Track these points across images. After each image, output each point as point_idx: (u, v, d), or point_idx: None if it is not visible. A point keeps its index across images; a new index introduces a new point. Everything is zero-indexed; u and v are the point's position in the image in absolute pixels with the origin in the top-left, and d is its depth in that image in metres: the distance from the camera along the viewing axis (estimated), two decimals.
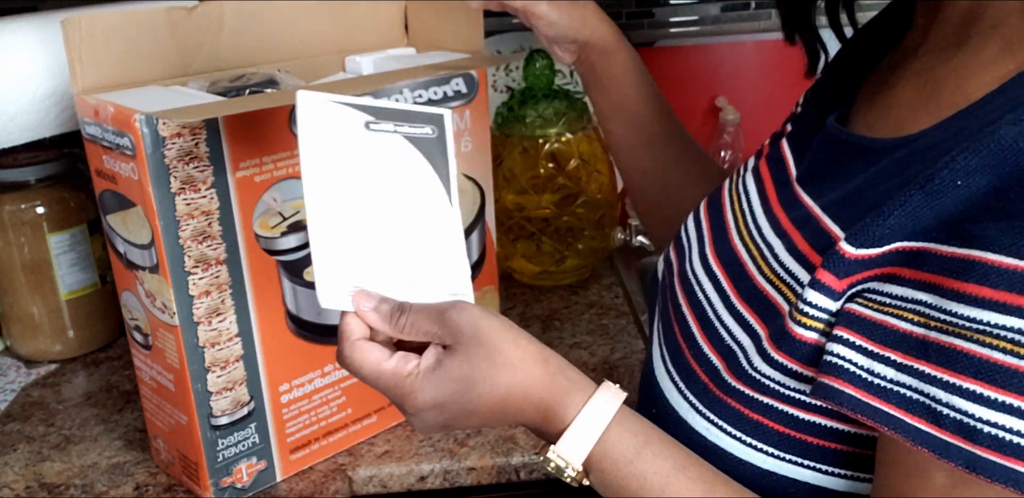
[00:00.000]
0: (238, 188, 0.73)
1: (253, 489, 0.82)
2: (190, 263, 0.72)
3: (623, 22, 1.31)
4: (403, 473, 0.85)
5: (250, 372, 0.78)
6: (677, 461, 0.52)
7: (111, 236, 0.76)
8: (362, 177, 0.54)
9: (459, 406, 0.53)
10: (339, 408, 0.86)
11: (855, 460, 0.51)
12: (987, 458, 0.40)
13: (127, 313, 0.80)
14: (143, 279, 0.74)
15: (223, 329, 0.75)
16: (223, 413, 0.77)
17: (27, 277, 1.00)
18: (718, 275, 0.59)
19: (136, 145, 0.67)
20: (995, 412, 0.39)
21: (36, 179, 0.98)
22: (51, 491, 0.82)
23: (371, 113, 0.54)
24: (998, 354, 0.39)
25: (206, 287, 0.73)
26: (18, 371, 1.03)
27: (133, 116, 0.66)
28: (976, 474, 0.40)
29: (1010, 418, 0.39)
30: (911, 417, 0.42)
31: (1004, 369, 0.39)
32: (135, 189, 0.70)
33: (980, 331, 0.40)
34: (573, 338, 1.05)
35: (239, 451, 0.79)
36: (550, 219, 1.14)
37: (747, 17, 1.33)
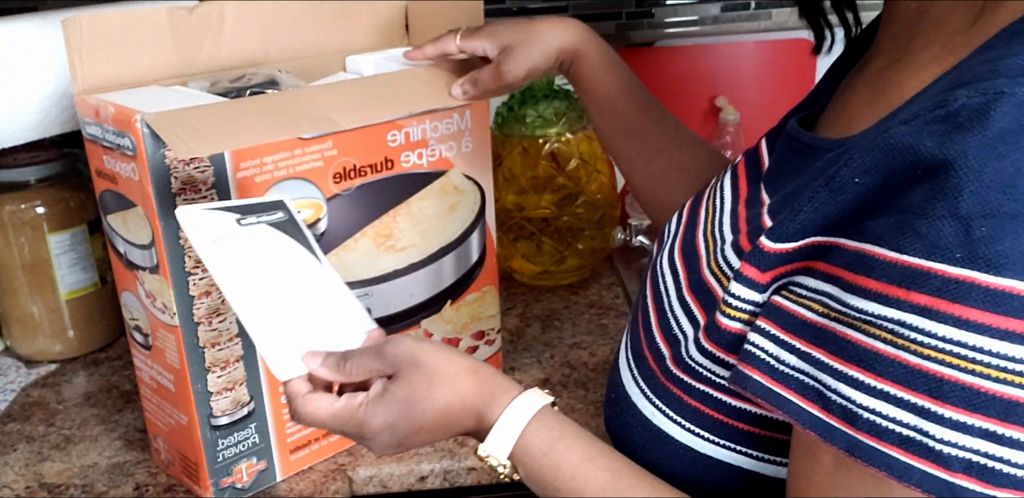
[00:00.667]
0: (239, 188, 0.73)
1: (253, 489, 0.82)
2: (190, 263, 0.72)
3: (623, 22, 1.31)
4: (403, 473, 0.85)
5: (250, 372, 0.78)
6: (588, 453, 0.56)
7: (111, 236, 0.76)
8: (255, 263, 0.63)
9: (407, 424, 0.57)
10: None
11: (783, 446, 0.52)
12: (866, 443, 0.41)
13: (127, 313, 0.80)
14: (143, 279, 0.74)
15: (223, 329, 0.75)
16: (223, 413, 0.77)
17: (27, 277, 1.00)
18: (678, 267, 0.61)
19: (137, 145, 0.67)
20: (874, 399, 0.41)
21: (36, 179, 0.99)
22: (51, 491, 0.82)
23: (236, 211, 0.64)
24: (879, 343, 0.41)
25: (206, 287, 0.73)
26: (18, 371, 1.03)
27: (134, 116, 0.66)
28: (855, 458, 0.41)
29: (887, 405, 0.40)
30: (805, 401, 0.44)
31: (884, 358, 0.40)
32: (136, 189, 0.70)
33: (866, 321, 0.41)
34: (573, 338, 1.05)
35: (239, 451, 0.80)
36: (550, 219, 1.14)
37: (747, 17, 1.33)
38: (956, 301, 0.38)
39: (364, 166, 0.80)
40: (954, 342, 0.38)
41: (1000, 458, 0.38)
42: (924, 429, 0.39)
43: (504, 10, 1.28)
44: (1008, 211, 0.37)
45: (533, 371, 0.99)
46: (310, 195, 0.77)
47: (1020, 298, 0.37)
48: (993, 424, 0.38)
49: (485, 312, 0.95)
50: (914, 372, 0.39)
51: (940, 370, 0.39)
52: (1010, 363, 0.38)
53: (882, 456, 0.40)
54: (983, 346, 0.38)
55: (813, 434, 0.43)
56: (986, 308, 0.38)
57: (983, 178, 0.37)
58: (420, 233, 0.86)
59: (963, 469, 0.39)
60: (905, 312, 0.40)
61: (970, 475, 0.39)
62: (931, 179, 0.39)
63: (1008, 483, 0.38)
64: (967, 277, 0.38)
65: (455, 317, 0.92)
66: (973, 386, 0.38)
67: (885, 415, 0.40)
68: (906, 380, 0.40)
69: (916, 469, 0.40)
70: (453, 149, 0.86)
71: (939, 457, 0.39)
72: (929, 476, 0.39)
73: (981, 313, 0.38)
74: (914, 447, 0.40)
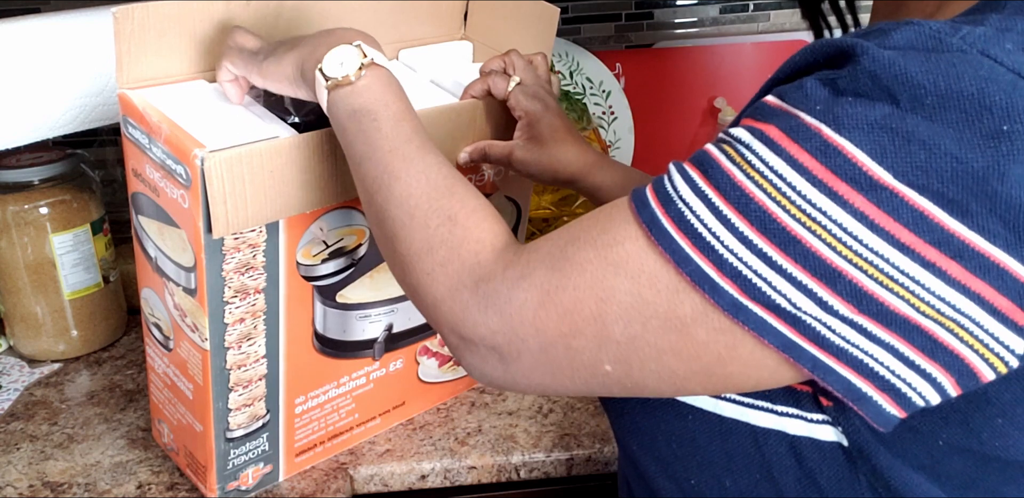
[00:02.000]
0: (287, 221, 0.71)
1: (256, 489, 0.82)
2: (229, 294, 0.70)
3: (622, 23, 1.32)
4: (404, 472, 0.86)
5: (270, 389, 0.78)
6: None
7: (141, 236, 0.75)
8: None
9: None
10: (347, 414, 0.86)
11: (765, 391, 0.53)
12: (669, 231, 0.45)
13: (147, 308, 0.79)
14: (174, 292, 0.73)
15: (251, 352, 0.75)
16: (239, 427, 0.77)
17: (30, 277, 1.00)
18: None
19: (192, 179, 0.65)
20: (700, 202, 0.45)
21: (40, 180, 0.99)
22: (54, 490, 0.83)
23: None
24: (729, 163, 0.45)
25: (241, 315, 0.72)
26: (21, 370, 1.04)
27: (193, 151, 0.64)
28: (652, 236, 0.46)
29: (707, 212, 0.44)
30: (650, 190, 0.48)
31: (727, 177, 0.44)
32: (184, 216, 0.68)
33: (728, 143, 0.46)
34: None
35: (249, 459, 0.80)
36: (550, 219, 1.14)
37: (745, 19, 1.34)
38: (797, 141, 0.43)
39: None
40: (777, 174, 0.43)
41: (764, 277, 0.43)
42: (716, 233, 0.44)
43: None
44: (872, 95, 0.42)
45: None
46: (355, 223, 0.76)
47: (844, 156, 0.42)
48: (772, 249, 0.43)
49: None
50: (734, 185, 0.44)
51: (754, 192, 0.44)
52: (808, 206, 0.42)
53: (671, 240, 0.45)
54: (796, 185, 0.43)
55: (629, 199, 0.48)
56: (815, 155, 0.43)
57: (862, 66, 0.43)
58: None
59: (731, 275, 0.44)
60: (756, 138, 0.45)
61: (735, 282, 0.44)
62: (831, 61, 0.46)
63: (760, 299, 0.43)
64: (814, 125, 0.43)
65: None
66: (772, 213, 0.43)
67: (694, 211, 0.45)
68: (725, 190, 0.44)
69: (693, 260, 0.44)
70: (501, 173, 0.85)
71: (718, 258, 0.44)
72: (701, 269, 0.44)
73: (810, 158, 0.43)
74: (701, 243, 0.44)
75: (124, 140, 0.72)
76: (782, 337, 0.44)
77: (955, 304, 0.41)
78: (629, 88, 1.31)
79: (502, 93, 0.78)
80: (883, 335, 0.42)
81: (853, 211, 0.42)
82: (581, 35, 1.31)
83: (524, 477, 0.87)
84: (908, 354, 0.43)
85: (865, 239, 0.42)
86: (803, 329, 0.43)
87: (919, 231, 0.41)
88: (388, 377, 0.87)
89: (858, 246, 0.42)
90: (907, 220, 0.41)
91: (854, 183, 0.42)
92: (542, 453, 0.86)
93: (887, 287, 0.42)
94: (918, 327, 0.42)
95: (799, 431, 0.52)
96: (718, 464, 0.55)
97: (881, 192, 0.41)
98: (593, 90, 1.30)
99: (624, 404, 0.60)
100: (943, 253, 0.41)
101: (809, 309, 0.43)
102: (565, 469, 0.87)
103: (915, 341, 0.42)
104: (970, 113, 0.41)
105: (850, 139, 0.42)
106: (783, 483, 0.53)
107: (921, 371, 0.43)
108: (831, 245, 0.42)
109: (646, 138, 1.34)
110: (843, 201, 0.42)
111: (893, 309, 0.42)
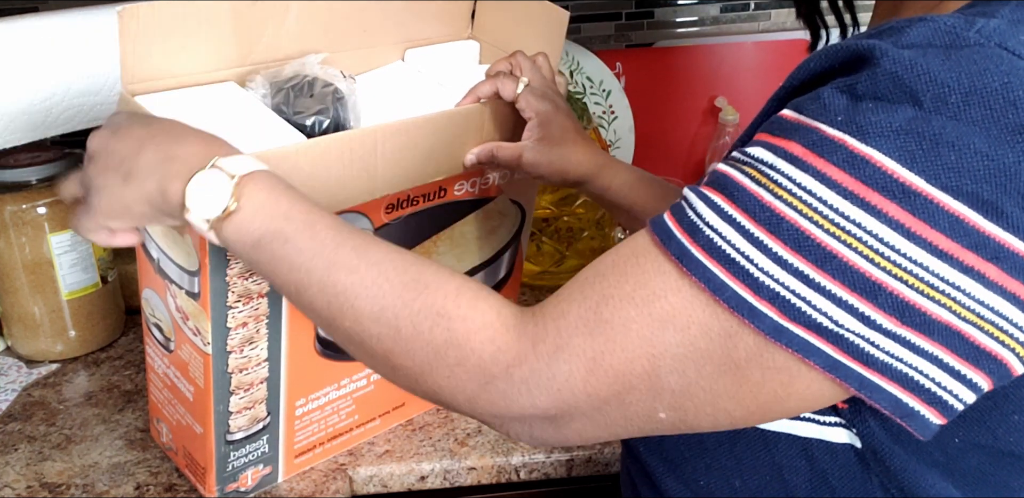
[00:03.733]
0: None
1: (256, 490, 0.82)
2: (233, 298, 0.70)
3: (623, 22, 1.31)
4: (403, 472, 0.85)
5: (271, 391, 0.78)
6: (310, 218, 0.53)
7: (144, 237, 0.74)
8: None
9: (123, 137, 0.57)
10: (347, 415, 0.86)
11: None
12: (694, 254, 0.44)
13: (147, 308, 0.79)
14: (176, 294, 0.73)
15: (253, 356, 0.74)
16: (240, 429, 0.77)
17: (28, 277, 1.00)
18: None
19: None
20: (721, 221, 0.44)
21: (37, 179, 0.99)
22: (52, 490, 0.82)
23: None
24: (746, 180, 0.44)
25: (244, 319, 0.72)
26: (19, 371, 1.03)
27: None
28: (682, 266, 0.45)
29: (730, 229, 0.44)
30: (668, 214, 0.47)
31: (745, 191, 0.44)
32: None
33: (747, 163, 0.45)
34: None
35: (248, 460, 0.80)
36: (550, 219, 1.14)
37: (746, 18, 1.34)
38: (822, 156, 0.42)
39: (417, 196, 0.78)
40: (806, 190, 0.42)
41: (802, 297, 0.42)
42: (750, 256, 0.43)
43: None
44: (894, 97, 0.42)
45: None
46: (361, 226, 0.76)
47: (873, 166, 0.41)
48: (808, 267, 0.42)
49: None
50: (762, 206, 0.43)
51: (784, 210, 0.43)
52: (842, 220, 0.41)
53: (704, 269, 0.44)
54: (827, 199, 0.42)
55: (652, 232, 0.47)
56: (843, 168, 0.42)
57: (882, 68, 0.42)
58: (456, 256, 0.86)
59: (769, 297, 0.43)
60: (779, 157, 0.44)
61: (773, 304, 0.43)
62: (848, 66, 0.45)
63: (801, 320, 0.42)
64: (838, 137, 0.42)
65: None
66: (805, 231, 0.42)
67: (724, 236, 0.44)
68: (753, 212, 0.43)
69: (729, 287, 0.43)
70: (506, 176, 0.85)
71: (754, 282, 0.43)
72: (738, 296, 0.43)
73: (837, 171, 0.42)
74: (735, 268, 0.43)
75: None
76: (826, 357, 0.43)
77: (994, 307, 0.41)
78: (629, 87, 1.31)
79: (511, 95, 0.77)
80: (927, 346, 0.42)
81: (888, 221, 0.41)
82: (581, 34, 1.30)
83: (524, 478, 0.87)
84: (952, 363, 0.42)
85: (903, 249, 0.41)
86: (847, 347, 0.42)
87: (956, 236, 0.40)
88: None
89: (897, 257, 0.41)
90: (944, 226, 0.40)
91: (886, 192, 0.41)
92: (542, 454, 0.86)
93: (928, 296, 0.41)
94: (959, 334, 0.41)
95: (811, 433, 0.51)
96: (728, 466, 0.55)
97: (915, 199, 0.41)
98: (593, 89, 1.30)
99: None
100: (980, 257, 0.40)
101: (852, 326, 0.42)
102: (565, 470, 0.87)
103: (958, 349, 0.42)
104: (995, 109, 0.40)
105: (877, 148, 0.41)
106: (794, 484, 0.53)
107: (964, 379, 0.42)
108: (869, 258, 0.41)
109: (646, 137, 1.34)
110: (877, 211, 0.41)
111: (936, 318, 0.41)
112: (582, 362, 0.46)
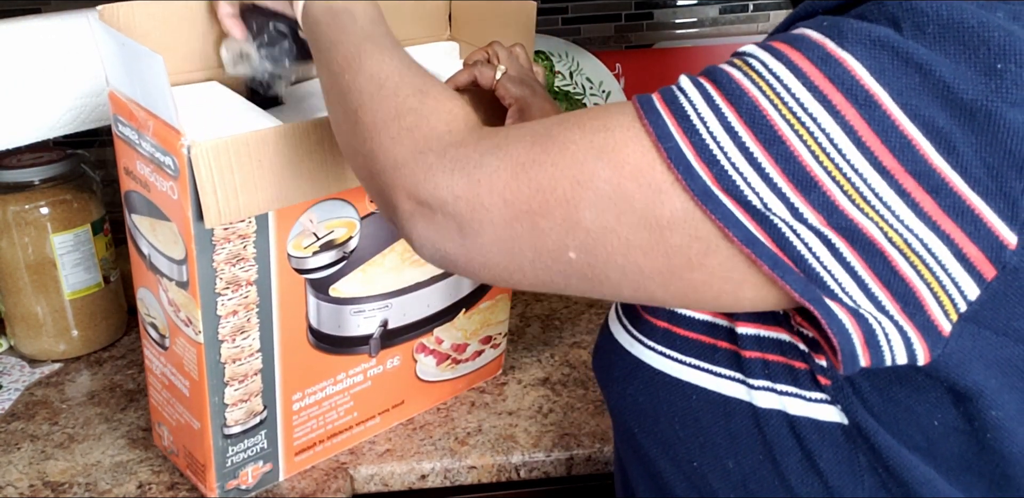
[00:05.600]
0: (277, 212, 0.72)
1: (256, 489, 0.82)
2: (221, 285, 0.71)
3: (622, 24, 1.32)
4: (404, 471, 0.86)
5: (266, 384, 0.78)
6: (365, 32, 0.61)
7: (135, 235, 0.75)
8: None
9: None
10: (346, 412, 0.86)
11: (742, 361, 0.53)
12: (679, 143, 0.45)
13: (143, 308, 0.80)
14: (168, 288, 0.73)
15: (246, 346, 0.75)
16: (236, 423, 0.78)
17: (31, 277, 1.00)
18: None
19: (180, 169, 0.65)
20: (717, 124, 0.44)
21: (40, 180, 0.99)
22: (55, 489, 0.83)
23: None
24: (746, 81, 0.44)
25: (234, 307, 0.72)
26: (22, 370, 1.04)
27: (180, 140, 0.64)
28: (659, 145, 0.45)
29: (722, 132, 0.44)
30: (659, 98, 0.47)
31: (744, 94, 0.44)
32: (173, 208, 0.68)
33: (749, 65, 0.45)
34: (573, 338, 1.05)
35: (247, 456, 0.80)
36: None
37: (745, 19, 1.34)
38: (799, 50, 0.43)
39: None
40: (774, 75, 0.43)
41: (740, 172, 0.43)
42: (704, 118, 0.44)
43: None
44: (877, 21, 0.43)
45: (533, 370, 0.99)
46: (346, 215, 0.77)
47: (843, 67, 0.42)
48: (756, 145, 0.43)
49: (495, 318, 0.95)
50: (730, 80, 0.44)
51: (748, 86, 0.44)
52: (800, 111, 0.42)
53: (658, 116, 0.45)
54: (792, 88, 0.43)
55: (637, 104, 0.47)
56: (816, 63, 0.43)
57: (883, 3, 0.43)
58: None
59: (708, 161, 0.44)
60: (763, 50, 0.45)
61: (710, 170, 0.44)
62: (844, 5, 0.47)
63: (732, 192, 0.43)
64: (819, 39, 0.43)
65: (467, 324, 0.92)
66: (763, 110, 0.43)
67: (687, 96, 0.45)
68: (720, 83, 0.45)
69: (675, 138, 0.44)
70: None
71: (700, 142, 0.44)
72: (680, 150, 0.44)
73: (810, 65, 0.43)
74: (687, 124, 0.44)
75: (115, 139, 0.73)
76: (746, 231, 0.43)
77: (923, 238, 0.42)
78: (629, 88, 1.31)
79: (489, 82, 0.78)
80: (846, 252, 0.42)
81: (843, 123, 0.42)
82: (581, 35, 1.31)
83: (524, 477, 0.87)
84: (864, 277, 0.43)
85: (848, 155, 0.42)
86: (769, 228, 0.43)
87: (903, 159, 0.41)
88: (386, 375, 0.88)
89: (840, 160, 0.42)
90: (894, 145, 0.41)
91: (850, 96, 0.42)
92: (542, 453, 0.87)
93: (859, 206, 0.42)
94: (882, 253, 0.42)
95: (799, 411, 0.52)
96: (721, 445, 0.56)
97: (875, 110, 0.42)
98: (593, 90, 1.30)
99: (625, 385, 0.60)
100: (920, 185, 0.41)
101: (779, 211, 0.43)
102: (565, 469, 0.87)
103: (875, 266, 0.42)
104: (968, 45, 0.41)
105: (852, 53, 0.42)
106: (784, 465, 0.53)
107: (872, 296, 0.43)
108: (814, 152, 0.42)
109: None
110: (835, 111, 0.42)
111: (861, 229, 0.42)
112: (511, 163, 0.48)
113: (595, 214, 0.46)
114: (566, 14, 1.29)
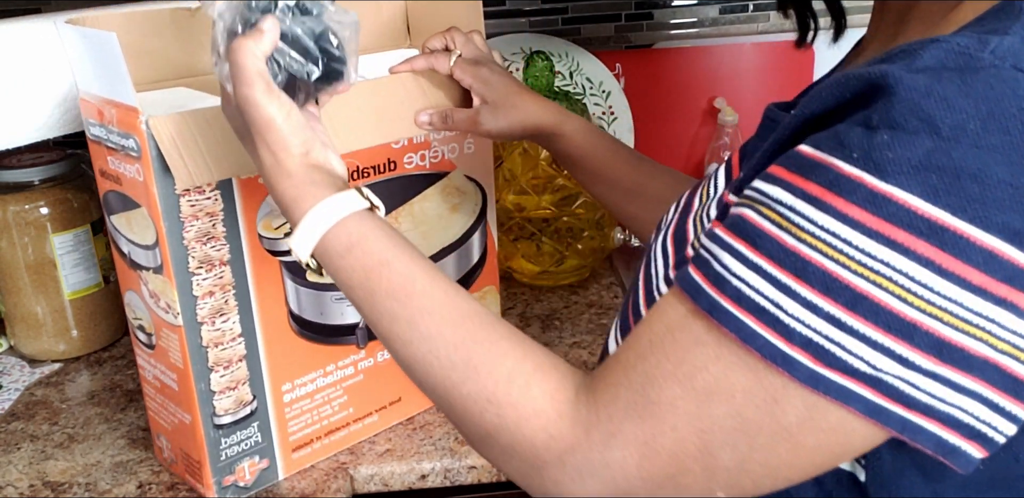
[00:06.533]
0: (242, 189, 0.73)
1: (255, 487, 0.82)
2: (194, 264, 0.72)
3: (622, 24, 1.32)
4: (404, 471, 0.86)
5: (253, 372, 0.79)
6: (384, 257, 0.56)
7: (115, 236, 0.77)
8: None
9: None
10: (340, 407, 0.86)
11: None
12: (724, 305, 0.44)
13: (131, 312, 0.80)
14: (147, 279, 0.75)
15: (226, 329, 0.76)
16: (226, 412, 0.78)
17: (31, 277, 1.01)
18: (668, 251, 0.62)
19: (141, 147, 0.67)
20: (746, 269, 0.44)
21: (40, 180, 0.99)
22: (55, 489, 0.83)
23: None
24: (766, 222, 0.44)
25: (210, 288, 0.74)
26: (22, 370, 1.04)
27: (139, 118, 0.66)
28: (712, 317, 0.44)
29: (756, 277, 0.43)
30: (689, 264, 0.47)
31: (766, 235, 0.43)
32: (140, 190, 0.70)
33: (761, 202, 0.45)
34: (573, 338, 1.06)
35: (242, 450, 0.80)
36: (550, 219, 1.14)
37: (745, 19, 1.34)
38: (841, 195, 0.41)
39: (367, 167, 0.80)
40: (829, 231, 0.41)
41: (836, 341, 0.41)
42: (779, 303, 0.42)
43: (503, 12, 1.28)
44: (910, 127, 0.40)
45: None
46: None
47: (895, 203, 0.40)
48: (840, 310, 0.41)
49: None
50: (787, 252, 0.42)
51: (809, 254, 0.42)
52: (870, 260, 0.40)
53: (735, 320, 0.43)
54: (852, 240, 0.41)
55: (680, 288, 0.46)
56: (864, 207, 0.41)
57: (897, 96, 0.41)
58: (422, 234, 0.87)
59: (802, 344, 0.42)
60: (797, 198, 0.43)
61: (807, 351, 0.42)
62: (863, 96, 0.44)
63: (836, 365, 0.41)
64: (855, 175, 0.41)
65: None
66: (833, 273, 0.41)
67: (751, 285, 0.43)
68: (778, 258, 0.43)
69: (761, 335, 0.43)
70: (456, 151, 0.87)
71: (785, 329, 0.42)
72: (770, 344, 0.42)
73: (859, 210, 0.41)
74: (766, 317, 0.43)
75: (90, 143, 0.74)
76: (866, 402, 0.42)
77: None
78: (629, 88, 1.31)
79: (446, 68, 0.80)
80: (967, 382, 0.41)
81: (918, 258, 0.40)
82: (581, 35, 1.31)
83: None
84: (992, 397, 0.41)
85: (935, 286, 0.40)
86: (886, 390, 0.41)
87: (990, 270, 0.40)
88: (378, 368, 0.88)
89: (929, 294, 0.40)
90: (977, 261, 0.40)
91: (912, 229, 0.40)
92: None
93: (965, 332, 0.40)
94: (997, 366, 0.41)
95: None
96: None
97: (943, 234, 0.40)
98: (593, 90, 1.30)
99: None
100: (1014, 288, 0.40)
101: (889, 368, 0.41)
102: None
103: (997, 382, 0.41)
104: (1014, 134, 0.40)
105: (897, 185, 0.40)
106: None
107: (1004, 412, 0.42)
108: (901, 297, 0.40)
109: (646, 138, 1.34)
110: (905, 249, 0.40)
111: (974, 353, 0.40)
112: (635, 447, 0.46)
113: (729, 452, 0.45)
114: (566, 14, 1.29)
